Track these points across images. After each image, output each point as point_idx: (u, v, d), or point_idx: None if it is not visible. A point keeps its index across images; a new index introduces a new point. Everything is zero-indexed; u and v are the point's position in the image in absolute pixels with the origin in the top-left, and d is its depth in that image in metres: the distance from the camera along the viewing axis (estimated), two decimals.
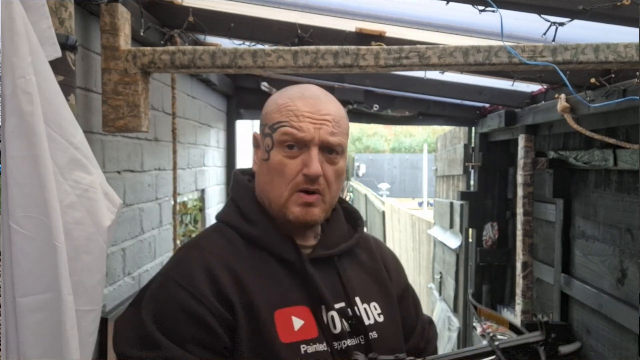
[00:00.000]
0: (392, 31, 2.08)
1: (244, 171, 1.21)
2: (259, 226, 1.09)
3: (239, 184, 1.17)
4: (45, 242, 1.00)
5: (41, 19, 1.09)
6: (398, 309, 1.19)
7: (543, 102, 2.74)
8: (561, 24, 1.65)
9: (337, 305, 1.08)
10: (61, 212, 1.04)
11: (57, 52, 1.13)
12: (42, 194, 1.00)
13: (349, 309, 1.09)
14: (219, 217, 1.17)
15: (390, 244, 10.25)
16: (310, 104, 1.08)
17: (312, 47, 1.58)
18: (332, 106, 1.10)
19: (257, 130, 1.17)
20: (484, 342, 1.08)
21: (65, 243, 1.04)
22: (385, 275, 1.21)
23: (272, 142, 1.08)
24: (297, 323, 1.04)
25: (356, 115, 3.56)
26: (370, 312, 1.13)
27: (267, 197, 1.10)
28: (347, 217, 1.23)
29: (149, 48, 1.58)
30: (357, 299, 1.12)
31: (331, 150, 1.07)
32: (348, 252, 1.17)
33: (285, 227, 1.10)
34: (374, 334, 1.11)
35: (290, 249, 1.08)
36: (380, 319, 1.13)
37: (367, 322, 1.11)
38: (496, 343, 1.07)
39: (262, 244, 1.08)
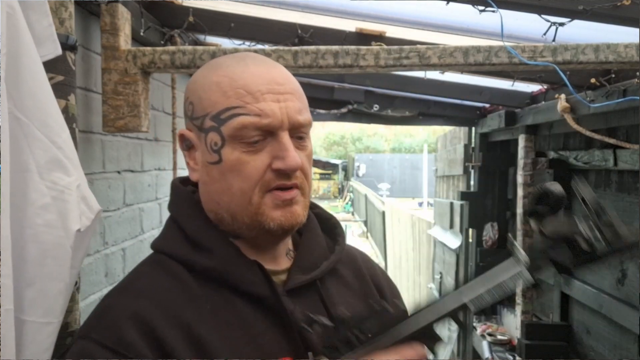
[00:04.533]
0: (392, 31, 2.08)
1: (185, 180, 0.90)
2: (214, 253, 0.81)
3: (180, 197, 0.88)
4: None
5: (42, 17, 1.08)
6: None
7: (543, 102, 2.74)
8: (561, 24, 1.65)
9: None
10: (33, 214, 0.99)
11: (58, 50, 1.12)
12: None
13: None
14: (155, 245, 0.86)
15: (390, 244, 10.24)
16: (262, 73, 0.80)
17: (312, 47, 1.58)
18: (284, 72, 0.83)
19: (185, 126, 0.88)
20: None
21: (33, 247, 0.98)
22: (377, 297, 0.97)
23: (222, 139, 0.79)
24: None
25: (356, 115, 3.56)
26: None
27: (228, 209, 0.81)
28: (323, 225, 0.95)
29: (149, 48, 1.58)
30: None
31: (300, 133, 0.82)
32: (330, 271, 0.91)
33: (253, 247, 0.84)
34: None
35: (260, 280, 0.80)
36: None
37: None
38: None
39: (221, 278, 0.80)
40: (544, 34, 1.67)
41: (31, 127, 1.00)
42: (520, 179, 3.00)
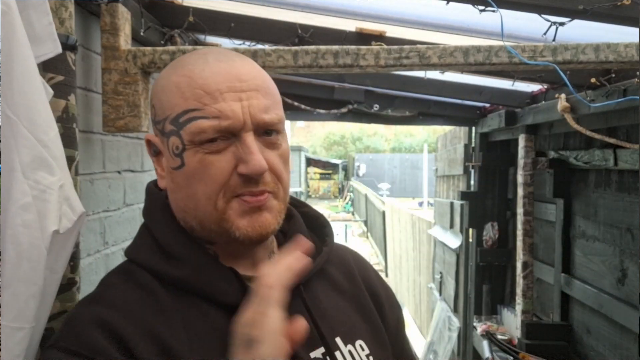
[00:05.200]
0: (392, 31, 2.08)
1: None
2: (185, 262, 0.76)
3: (153, 202, 0.83)
4: None
5: (42, 16, 1.08)
6: (390, 348, 0.89)
7: (543, 102, 2.74)
8: (561, 24, 1.65)
9: (312, 355, 0.77)
10: (14, 214, 0.95)
11: (58, 49, 1.12)
12: None
13: (328, 358, 0.78)
14: (127, 253, 0.82)
15: (390, 243, 10.25)
16: (223, 70, 0.74)
17: (312, 47, 1.58)
18: (250, 66, 0.77)
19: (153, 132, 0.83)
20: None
21: (10, 249, 0.95)
22: (369, 302, 0.90)
23: (182, 142, 0.74)
24: None
25: (356, 115, 3.56)
26: (357, 355, 0.82)
27: (195, 216, 0.76)
28: (310, 224, 0.90)
29: (149, 48, 1.58)
30: (339, 340, 0.81)
31: (270, 131, 0.75)
32: (317, 273, 0.85)
33: (230, 253, 0.79)
34: None
35: (235, 289, 0.75)
36: None
37: None
38: None
39: (193, 288, 0.75)
40: (544, 33, 1.67)
41: (19, 125, 0.97)
42: (520, 179, 3.00)
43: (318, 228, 0.90)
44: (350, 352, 0.81)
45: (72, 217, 1.04)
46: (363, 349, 0.83)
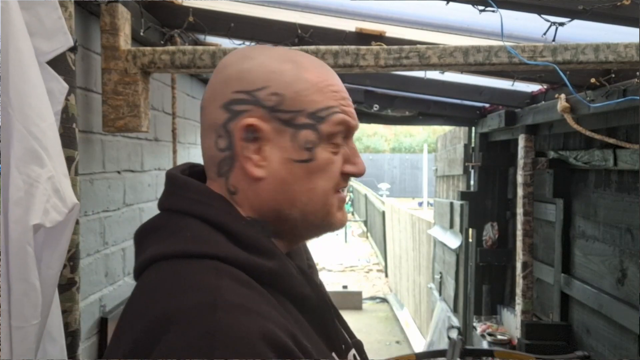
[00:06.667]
0: (392, 31, 2.08)
1: (192, 171, 0.83)
2: (275, 255, 0.73)
3: (207, 195, 0.76)
4: None
5: (51, 11, 1.08)
6: None
7: (543, 102, 2.74)
8: (561, 24, 1.65)
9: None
10: (11, 211, 0.95)
11: (69, 42, 1.12)
12: None
13: (349, 339, 0.84)
14: (194, 250, 0.69)
15: (390, 244, 10.25)
16: (335, 77, 0.81)
17: (312, 47, 1.58)
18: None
19: (252, 117, 0.76)
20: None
21: (4, 245, 0.94)
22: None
23: (319, 137, 0.76)
24: None
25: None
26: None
27: (302, 209, 0.77)
28: None
29: (149, 48, 1.58)
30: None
31: None
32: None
33: (284, 246, 0.80)
34: None
35: (304, 281, 0.77)
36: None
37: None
38: None
39: (280, 281, 0.73)
40: (544, 33, 1.67)
41: (13, 119, 0.97)
42: (520, 179, 3.00)
43: None
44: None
45: (62, 209, 1.01)
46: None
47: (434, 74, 2.73)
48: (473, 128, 4.09)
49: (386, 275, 10.62)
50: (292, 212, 0.77)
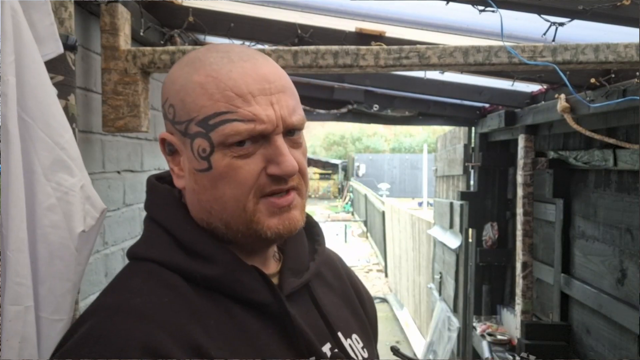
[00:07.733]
0: (392, 31, 2.08)
1: (160, 177, 0.86)
2: (215, 261, 0.74)
3: (163, 198, 0.81)
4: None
5: (44, 16, 1.09)
6: (373, 341, 0.95)
7: (543, 102, 2.74)
8: (561, 24, 1.65)
9: (324, 349, 0.79)
10: (40, 215, 1.02)
11: (60, 49, 1.13)
12: (5, 202, 0.95)
13: (336, 350, 0.80)
14: (139, 253, 0.77)
15: (390, 244, 10.25)
16: (251, 71, 0.73)
17: (312, 47, 1.58)
18: (273, 66, 0.76)
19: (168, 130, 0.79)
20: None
21: (41, 247, 1.02)
22: (356, 299, 0.94)
23: (211, 145, 0.72)
24: None
25: (356, 115, 3.56)
26: (355, 348, 0.85)
27: (221, 218, 0.75)
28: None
29: (149, 48, 1.58)
30: (340, 335, 0.83)
31: (293, 131, 0.75)
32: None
33: (247, 252, 0.78)
34: None
35: (262, 287, 0.75)
36: (365, 354, 0.86)
37: None
38: None
39: (222, 287, 0.73)
40: (544, 34, 1.67)
41: (35, 128, 1.02)
42: (520, 179, 3.00)
43: (308, 228, 0.90)
44: (350, 345, 0.83)
45: (94, 214, 1.11)
46: (358, 342, 0.86)
47: (433, 74, 2.73)
48: (473, 128, 4.09)
49: (386, 275, 10.63)
50: (212, 220, 0.76)
